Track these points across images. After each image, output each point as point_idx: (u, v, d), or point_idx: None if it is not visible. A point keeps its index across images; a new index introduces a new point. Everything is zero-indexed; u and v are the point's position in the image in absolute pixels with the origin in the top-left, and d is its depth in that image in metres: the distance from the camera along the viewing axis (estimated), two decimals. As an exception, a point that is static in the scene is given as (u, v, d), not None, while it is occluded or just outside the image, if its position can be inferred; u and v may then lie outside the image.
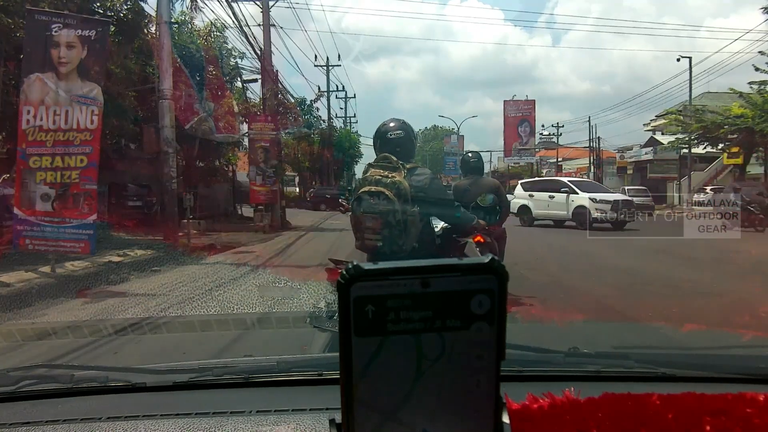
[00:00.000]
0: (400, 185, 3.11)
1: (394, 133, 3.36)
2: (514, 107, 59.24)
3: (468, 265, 0.51)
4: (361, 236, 3.27)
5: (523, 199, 19.56)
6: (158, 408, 1.24)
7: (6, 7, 9.90)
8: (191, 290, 6.98)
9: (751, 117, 24.10)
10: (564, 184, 19.19)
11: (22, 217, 7.76)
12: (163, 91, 11.67)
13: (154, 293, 6.83)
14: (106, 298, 6.54)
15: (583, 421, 0.80)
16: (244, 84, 21.89)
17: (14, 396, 1.34)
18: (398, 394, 0.52)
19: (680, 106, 33.11)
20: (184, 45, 16.43)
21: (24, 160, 7.80)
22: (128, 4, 12.78)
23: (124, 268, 8.72)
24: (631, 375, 1.41)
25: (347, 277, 0.50)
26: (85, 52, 7.94)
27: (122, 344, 3.43)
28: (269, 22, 18.82)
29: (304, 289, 6.40)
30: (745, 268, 9.24)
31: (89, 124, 7.84)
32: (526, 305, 5.10)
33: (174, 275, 8.39)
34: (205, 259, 10.31)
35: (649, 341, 3.14)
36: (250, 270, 9.04)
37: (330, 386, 1.27)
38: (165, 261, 9.59)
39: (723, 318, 5.10)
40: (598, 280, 7.90)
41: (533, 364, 1.44)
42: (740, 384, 1.29)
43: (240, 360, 1.77)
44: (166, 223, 11.75)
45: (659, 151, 39.24)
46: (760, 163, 27.90)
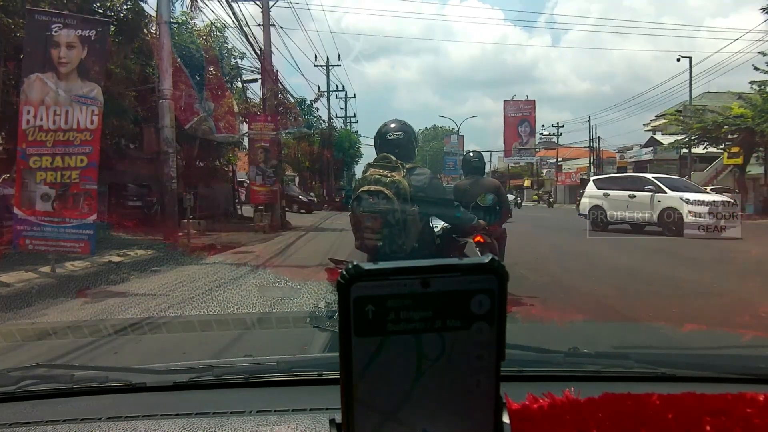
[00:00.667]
0: (399, 184, 3.11)
1: (394, 134, 3.36)
2: (514, 107, 59.32)
3: (468, 265, 0.51)
4: (361, 236, 3.27)
5: (597, 198, 16.76)
6: (158, 408, 1.24)
7: (6, 7, 9.91)
8: (191, 290, 6.98)
9: (751, 117, 24.10)
10: (648, 181, 16.22)
11: (22, 217, 7.76)
12: (163, 91, 11.66)
13: (154, 293, 6.83)
14: (106, 298, 6.54)
15: (583, 421, 0.80)
16: (244, 84, 21.90)
17: (14, 396, 1.34)
18: (398, 394, 0.52)
19: (680, 106, 33.14)
20: (184, 45, 16.43)
21: (24, 160, 7.80)
22: (128, 4, 12.77)
23: (124, 268, 8.72)
24: (631, 375, 1.40)
25: (347, 277, 0.50)
26: (85, 52, 7.94)
27: (122, 344, 3.43)
28: (269, 22, 18.83)
29: (304, 289, 6.40)
30: (745, 268, 9.25)
31: (89, 124, 7.83)
32: (526, 305, 5.10)
33: (174, 275, 8.39)
34: (205, 259, 10.31)
35: (649, 341, 3.14)
36: (250, 270, 9.03)
37: (330, 386, 1.27)
38: (165, 261, 9.59)
39: (723, 318, 5.10)
40: (598, 280, 7.90)
41: (533, 364, 1.44)
42: (740, 384, 1.29)
43: (240, 360, 1.77)
44: (166, 223, 11.74)
45: (659, 151, 39.25)
46: (760, 163, 27.90)
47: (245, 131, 19.69)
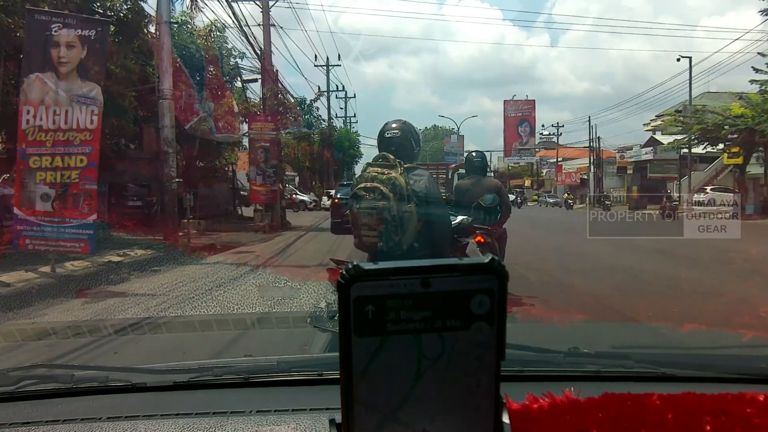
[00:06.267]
0: (396, 181, 3.11)
1: (392, 132, 3.37)
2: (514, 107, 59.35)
3: (468, 265, 0.51)
4: (359, 233, 3.27)
5: None
6: (158, 408, 1.25)
7: (6, 6, 9.90)
8: (191, 290, 6.98)
9: (751, 117, 24.10)
10: None
11: (22, 217, 7.76)
12: (163, 91, 11.66)
13: (154, 293, 6.83)
14: (106, 298, 6.54)
15: (583, 421, 0.80)
16: (244, 84, 21.92)
17: (14, 396, 1.34)
18: (398, 394, 0.52)
19: (680, 106, 33.13)
20: (184, 45, 16.44)
21: (24, 160, 7.80)
22: (128, 4, 12.77)
23: (124, 268, 8.72)
24: (631, 375, 1.40)
25: (347, 277, 0.50)
26: (85, 52, 7.94)
27: (122, 344, 3.43)
28: (269, 22, 18.83)
29: (304, 289, 6.41)
30: (745, 268, 9.25)
31: (89, 124, 7.83)
32: (526, 305, 5.10)
33: (174, 275, 8.39)
34: (205, 259, 10.31)
35: (649, 341, 3.15)
36: (250, 270, 9.04)
37: (330, 386, 1.27)
38: (165, 261, 9.59)
39: (723, 318, 5.10)
40: (598, 280, 7.90)
41: (533, 364, 1.44)
42: (740, 384, 1.29)
43: (240, 360, 1.77)
44: (166, 223, 11.74)
45: (659, 151, 39.23)
46: (760, 164, 27.90)
47: (245, 131, 19.69)
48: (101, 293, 7.01)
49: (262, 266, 9.67)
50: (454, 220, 4.30)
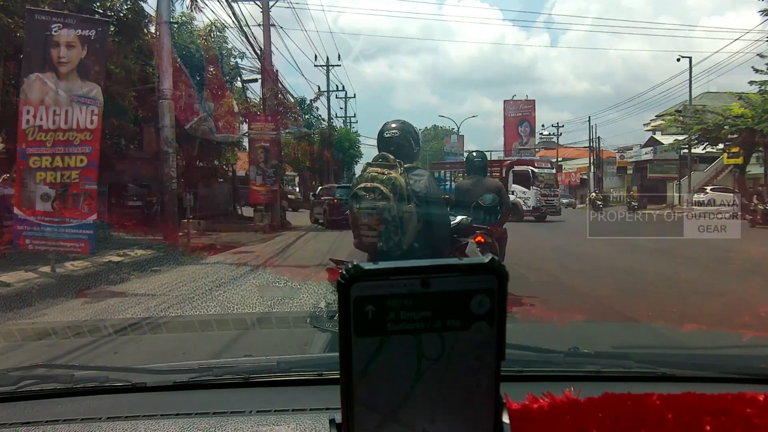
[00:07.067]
0: (396, 181, 3.11)
1: (391, 132, 3.37)
2: (514, 107, 59.33)
3: (468, 265, 0.51)
4: (358, 233, 3.27)
5: None
6: (158, 408, 1.25)
7: (6, 6, 9.90)
8: (191, 290, 6.98)
9: (751, 117, 24.10)
10: None
11: (22, 217, 7.76)
12: (163, 91, 11.66)
13: (154, 293, 6.83)
14: (106, 298, 6.54)
15: (583, 421, 0.80)
16: (244, 84, 21.92)
17: (14, 396, 1.34)
18: (398, 394, 0.52)
19: (680, 106, 33.13)
20: (184, 45, 16.44)
21: (24, 160, 7.80)
22: (128, 4, 12.78)
23: (124, 268, 8.72)
24: (631, 375, 1.40)
25: (347, 277, 0.50)
26: (85, 52, 7.94)
27: (122, 344, 3.43)
28: (269, 22, 18.83)
29: (304, 289, 6.41)
30: (745, 268, 9.25)
31: (89, 124, 7.83)
32: (526, 305, 5.10)
33: (174, 275, 8.39)
34: (205, 259, 10.31)
35: (649, 341, 3.15)
36: (250, 270, 9.04)
37: (330, 386, 1.27)
38: (165, 261, 9.59)
39: (723, 318, 5.10)
40: (598, 280, 7.90)
41: (533, 364, 1.44)
42: (740, 384, 1.29)
43: (240, 360, 1.77)
44: (166, 223, 11.75)
45: (659, 151, 39.23)
46: (760, 164, 27.91)
47: (245, 131, 19.69)
48: (101, 293, 7.01)
49: (262, 266, 9.67)
50: (454, 220, 4.31)
